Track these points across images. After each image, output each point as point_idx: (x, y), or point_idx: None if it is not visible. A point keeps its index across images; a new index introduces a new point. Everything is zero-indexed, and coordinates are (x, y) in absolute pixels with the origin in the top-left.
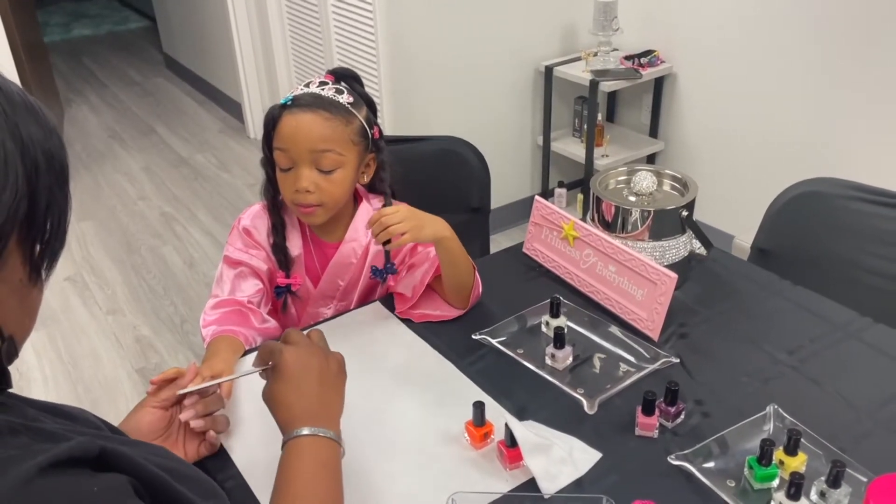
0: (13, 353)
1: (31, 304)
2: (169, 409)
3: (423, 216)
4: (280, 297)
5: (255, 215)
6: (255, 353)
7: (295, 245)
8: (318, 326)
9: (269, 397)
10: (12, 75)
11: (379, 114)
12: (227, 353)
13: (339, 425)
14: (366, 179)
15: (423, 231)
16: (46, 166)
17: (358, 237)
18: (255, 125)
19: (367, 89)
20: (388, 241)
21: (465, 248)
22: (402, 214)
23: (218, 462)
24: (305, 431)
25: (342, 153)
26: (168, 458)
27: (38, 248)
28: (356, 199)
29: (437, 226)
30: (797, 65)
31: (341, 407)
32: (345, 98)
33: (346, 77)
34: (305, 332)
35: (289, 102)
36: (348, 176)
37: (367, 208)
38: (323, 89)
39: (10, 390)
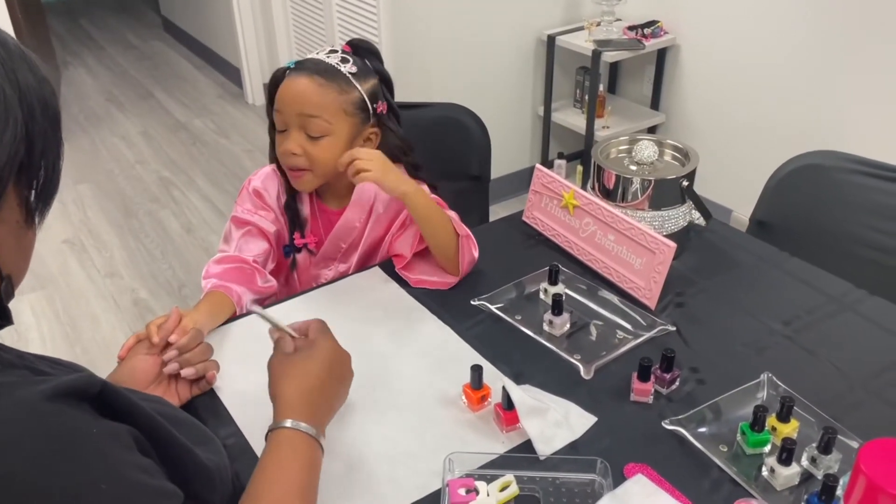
0: (10, 293)
1: (26, 246)
2: (161, 354)
3: (392, 168)
4: (288, 257)
5: (265, 177)
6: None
7: (303, 209)
8: (320, 289)
9: (285, 370)
10: None
11: None
12: (213, 308)
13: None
14: None
15: (387, 176)
16: (41, 112)
17: (362, 203)
18: (253, 91)
19: None
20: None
21: (463, 216)
22: (373, 155)
23: (219, 420)
24: (305, 427)
25: (330, 121)
26: (164, 405)
27: (33, 191)
28: None
29: (402, 178)
30: (801, 39)
31: (334, 414)
32: (347, 68)
33: (362, 50)
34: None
35: (291, 66)
36: (337, 145)
37: None
38: (329, 57)
39: (5, 344)
